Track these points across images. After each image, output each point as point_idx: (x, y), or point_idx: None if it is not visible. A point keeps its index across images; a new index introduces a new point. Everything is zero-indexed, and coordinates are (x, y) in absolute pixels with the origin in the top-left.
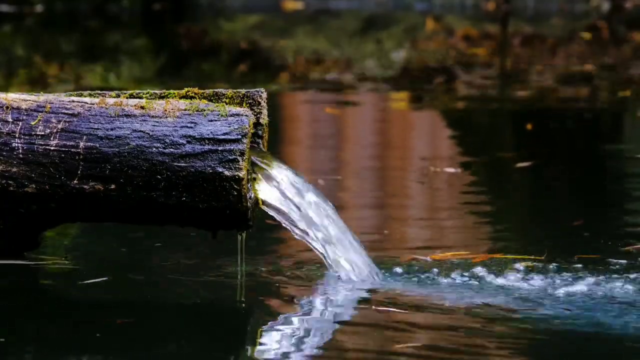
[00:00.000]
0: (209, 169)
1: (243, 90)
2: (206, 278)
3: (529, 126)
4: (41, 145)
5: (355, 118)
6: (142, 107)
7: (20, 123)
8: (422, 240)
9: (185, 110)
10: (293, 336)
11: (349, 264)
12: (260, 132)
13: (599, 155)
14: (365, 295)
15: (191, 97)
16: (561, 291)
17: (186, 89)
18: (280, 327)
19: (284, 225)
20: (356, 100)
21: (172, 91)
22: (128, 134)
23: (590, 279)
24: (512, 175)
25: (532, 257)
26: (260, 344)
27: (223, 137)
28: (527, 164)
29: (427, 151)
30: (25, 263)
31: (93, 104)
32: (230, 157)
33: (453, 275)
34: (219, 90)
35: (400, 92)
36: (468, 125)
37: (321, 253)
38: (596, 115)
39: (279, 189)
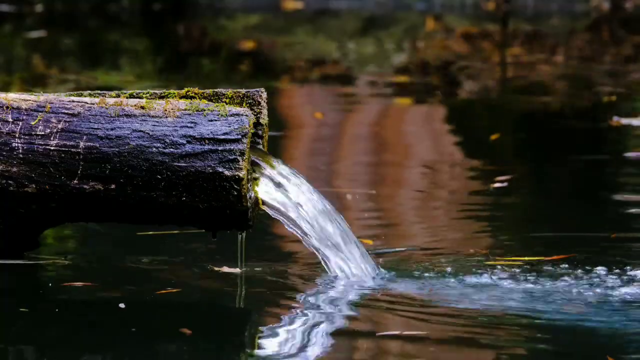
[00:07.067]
0: (209, 168)
1: (243, 90)
2: (206, 278)
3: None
4: (41, 145)
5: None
6: (142, 107)
7: (20, 123)
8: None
9: (185, 110)
10: (293, 337)
11: (348, 265)
12: (260, 132)
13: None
14: (364, 296)
15: (191, 97)
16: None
17: (186, 89)
18: (280, 328)
19: (283, 225)
20: (356, 100)
21: (172, 91)
22: (128, 134)
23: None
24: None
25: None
26: (260, 344)
27: (223, 137)
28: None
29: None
30: (25, 263)
31: (93, 104)
32: (230, 157)
33: (459, 276)
34: (219, 90)
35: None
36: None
37: (320, 253)
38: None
39: (279, 188)
